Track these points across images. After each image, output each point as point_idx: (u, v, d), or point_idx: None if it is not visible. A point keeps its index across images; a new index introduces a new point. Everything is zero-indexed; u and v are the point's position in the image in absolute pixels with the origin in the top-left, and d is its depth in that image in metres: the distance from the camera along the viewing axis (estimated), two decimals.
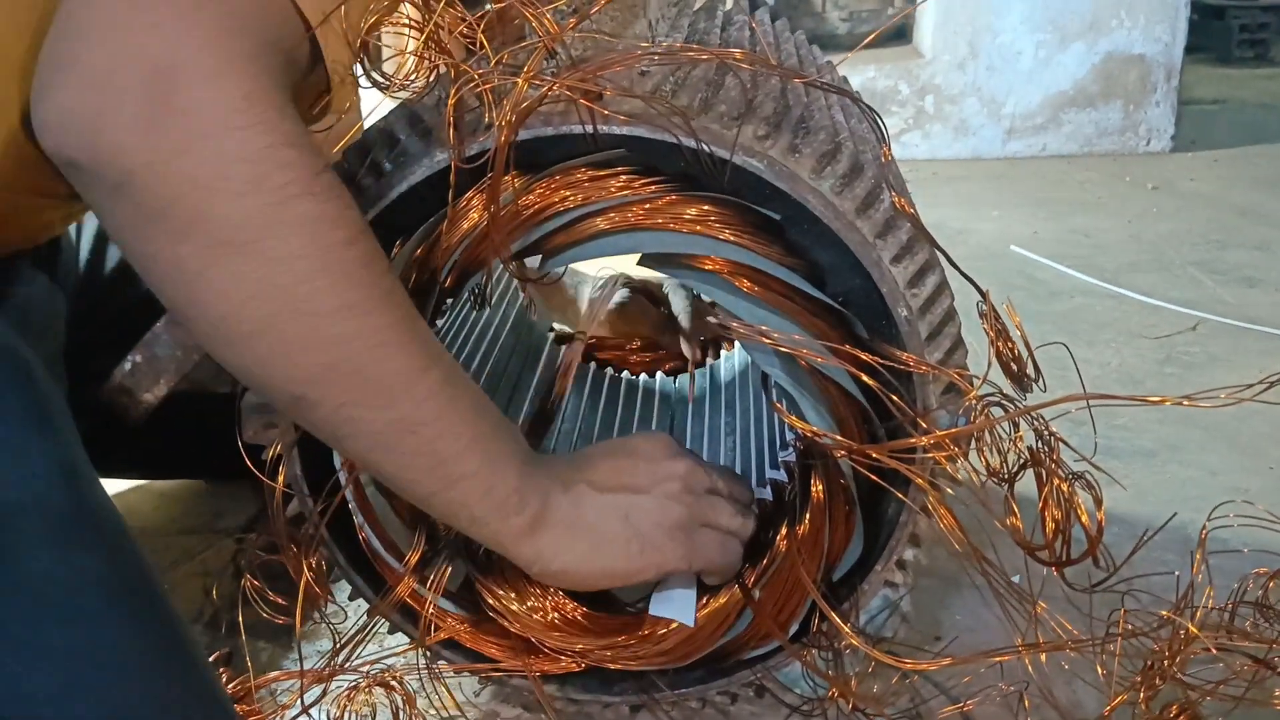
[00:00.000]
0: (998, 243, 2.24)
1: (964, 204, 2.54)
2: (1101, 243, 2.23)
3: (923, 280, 0.80)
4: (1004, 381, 0.80)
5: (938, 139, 2.94)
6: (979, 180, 2.76)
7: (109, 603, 0.62)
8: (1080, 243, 2.23)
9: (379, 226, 0.79)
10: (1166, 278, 2.01)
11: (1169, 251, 2.16)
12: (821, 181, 0.77)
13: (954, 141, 2.94)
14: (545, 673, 0.89)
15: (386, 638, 0.95)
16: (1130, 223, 2.36)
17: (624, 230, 0.78)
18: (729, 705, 0.94)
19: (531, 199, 0.77)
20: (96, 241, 1.04)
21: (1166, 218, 2.40)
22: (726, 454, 1.05)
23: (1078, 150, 2.94)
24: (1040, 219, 2.41)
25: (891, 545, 0.84)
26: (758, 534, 0.90)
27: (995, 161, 2.92)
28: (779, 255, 0.78)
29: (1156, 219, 2.40)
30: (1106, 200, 2.55)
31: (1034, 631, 0.76)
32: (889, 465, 0.76)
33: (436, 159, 0.76)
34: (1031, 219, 2.42)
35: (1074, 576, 0.78)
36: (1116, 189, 2.64)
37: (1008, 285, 2.01)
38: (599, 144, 0.76)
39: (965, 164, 2.92)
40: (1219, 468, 1.33)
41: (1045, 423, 0.74)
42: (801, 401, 0.80)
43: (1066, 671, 0.88)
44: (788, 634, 0.85)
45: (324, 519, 0.84)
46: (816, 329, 0.79)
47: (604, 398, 1.22)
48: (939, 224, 2.35)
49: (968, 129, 2.93)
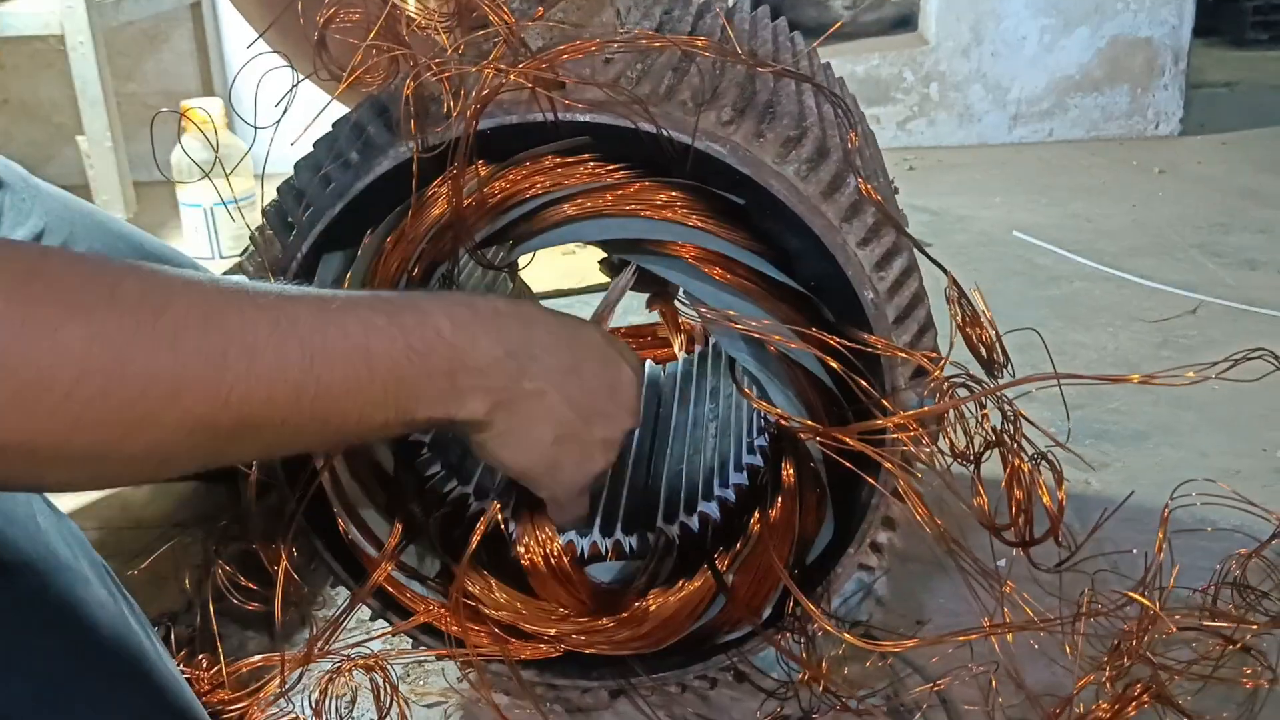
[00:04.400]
0: (999, 228, 2.23)
1: (967, 190, 2.53)
2: (1104, 227, 2.22)
3: (890, 263, 0.80)
4: (976, 366, 0.81)
5: (943, 126, 2.93)
6: (983, 167, 2.74)
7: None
8: (1082, 227, 2.22)
9: (348, 217, 0.80)
10: (1168, 261, 2.00)
11: (1171, 235, 2.15)
12: (786, 166, 0.77)
13: (959, 128, 2.93)
14: (524, 659, 0.89)
15: (370, 625, 0.96)
16: (1134, 207, 2.35)
17: (590, 217, 0.78)
18: (708, 690, 0.94)
19: (497, 187, 0.77)
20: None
21: (1171, 201, 2.39)
22: (709, 441, 1.05)
23: (1084, 135, 2.92)
24: (1043, 204, 2.40)
25: (864, 529, 0.85)
26: (732, 518, 0.90)
27: (1000, 148, 2.90)
28: (745, 240, 0.79)
29: (1161, 203, 2.38)
30: (1111, 185, 2.53)
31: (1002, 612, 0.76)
32: (856, 448, 0.77)
33: (402, 149, 0.77)
34: (1035, 204, 2.41)
35: (1050, 557, 0.78)
36: (1122, 173, 2.63)
37: (1008, 270, 2.00)
38: (563, 132, 0.76)
39: (970, 150, 2.91)
40: (1211, 449, 1.33)
41: (1010, 403, 0.74)
42: (769, 386, 0.80)
43: (1038, 651, 0.88)
44: (761, 618, 0.86)
45: (301, 508, 0.85)
46: (783, 313, 0.79)
47: None
48: (942, 211, 2.35)
49: (973, 115, 2.92)
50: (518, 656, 0.89)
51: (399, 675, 0.99)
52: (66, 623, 0.70)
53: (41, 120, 2.79)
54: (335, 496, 0.85)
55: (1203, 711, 0.81)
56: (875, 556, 0.87)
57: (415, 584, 0.89)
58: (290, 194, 0.83)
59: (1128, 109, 2.91)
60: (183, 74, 2.79)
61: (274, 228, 0.82)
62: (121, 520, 1.28)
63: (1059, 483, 0.70)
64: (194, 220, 2.07)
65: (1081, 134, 2.92)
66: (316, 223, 0.80)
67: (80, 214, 1.11)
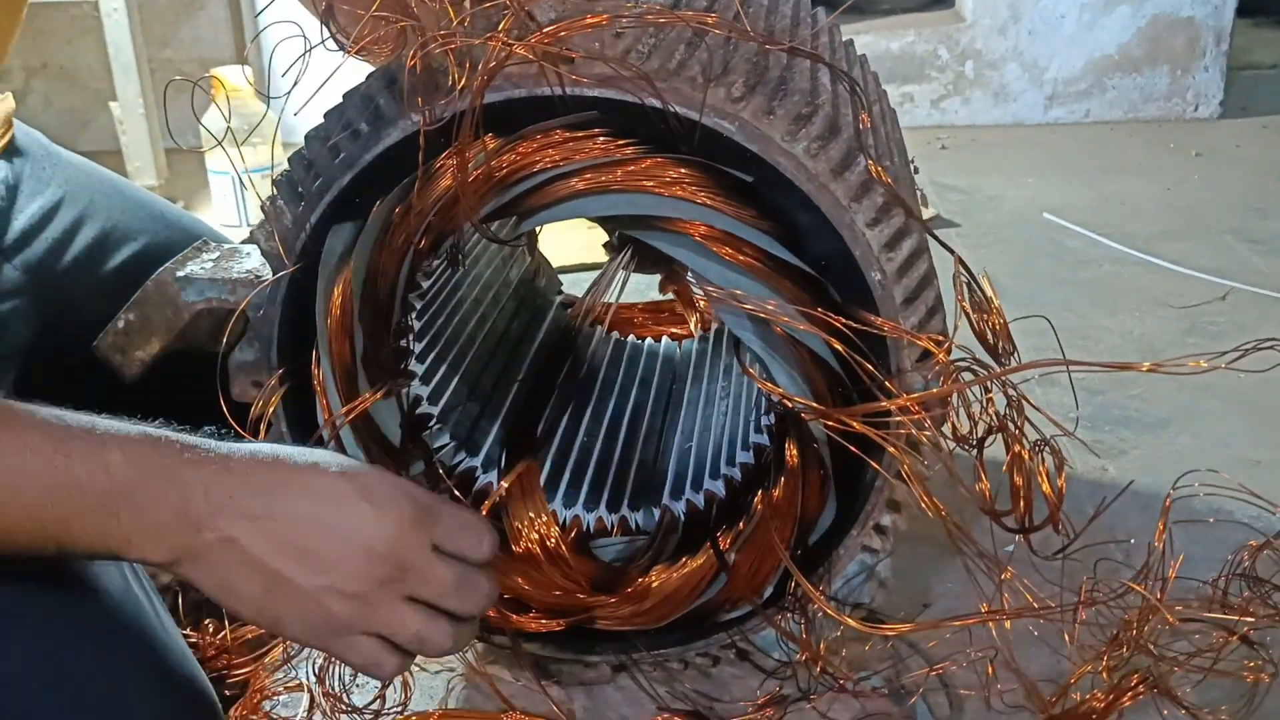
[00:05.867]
0: (1030, 209, 2.21)
1: (1000, 170, 2.50)
2: (1137, 210, 2.19)
3: (899, 244, 0.79)
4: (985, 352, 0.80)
5: (977, 105, 2.89)
6: (1017, 147, 2.71)
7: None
8: (1115, 210, 2.19)
9: (357, 188, 0.80)
10: (1200, 246, 1.97)
11: (1206, 219, 2.11)
12: (795, 144, 0.76)
13: (994, 107, 2.89)
14: (527, 632, 0.90)
15: None
16: (1169, 190, 2.31)
17: (598, 192, 0.78)
18: (710, 668, 0.95)
19: (505, 161, 0.77)
20: (68, 220, 1.05)
21: (1207, 185, 2.35)
22: (719, 418, 1.05)
23: (1122, 116, 2.87)
24: (1076, 186, 2.37)
25: (867, 511, 0.84)
26: (737, 497, 0.90)
27: (1035, 128, 2.86)
28: (753, 218, 0.78)
29: (1197, 186, 2.34)
30: (1146, 167, 2.49)
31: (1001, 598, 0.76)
32: (859, 430, 0.76)
33: (411, 121, 0.77)
34: (1068, 186, 2.37)
35: (1058, 544, 0.77)
36: (1158, 156, 2.59)
37: (1036, 252, 1.98)
38: (571, 107, 0.76)
39: (1005, 130, 2.87)
40: (1233, 439, 1.31)
41: (1014, 387, 0.74)
42: (773, 366, 0.80)
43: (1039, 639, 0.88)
44: (761, 598, 0.86)
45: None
46: (789, 293, 0.78)
47: (608, 358, 1.23)
48: (972, 190, 2.32)
49: (1008, 95, 2.87)
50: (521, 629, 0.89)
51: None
52: (69, 586, 0.71)
53: (79, 86, 2.82)
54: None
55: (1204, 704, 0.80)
56: (879, 539, 0.87)
57: None
58: (301, 164, 0.83)
59: (1167, 90, 2.85)
60: (218, 41, 2.80)
61: (284, 198, 0.83)
62: None
63: (1059, 469, 0.70)
64: (222, 188, 2.09)
65: (1119, 115, 2.88)
66: (325, 193, 0.80)
67: (100, 183, 1.11)
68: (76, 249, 1.03)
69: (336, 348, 0.83)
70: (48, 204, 1.03)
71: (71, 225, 1.04)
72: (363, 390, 0.84)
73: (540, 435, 1.04)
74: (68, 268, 1.03)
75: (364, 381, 0.85)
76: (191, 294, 0.88)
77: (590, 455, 1.05)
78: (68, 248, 1.03)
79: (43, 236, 1.02)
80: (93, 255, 1.05)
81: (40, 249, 1.01)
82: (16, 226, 1.01)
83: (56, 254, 1.02)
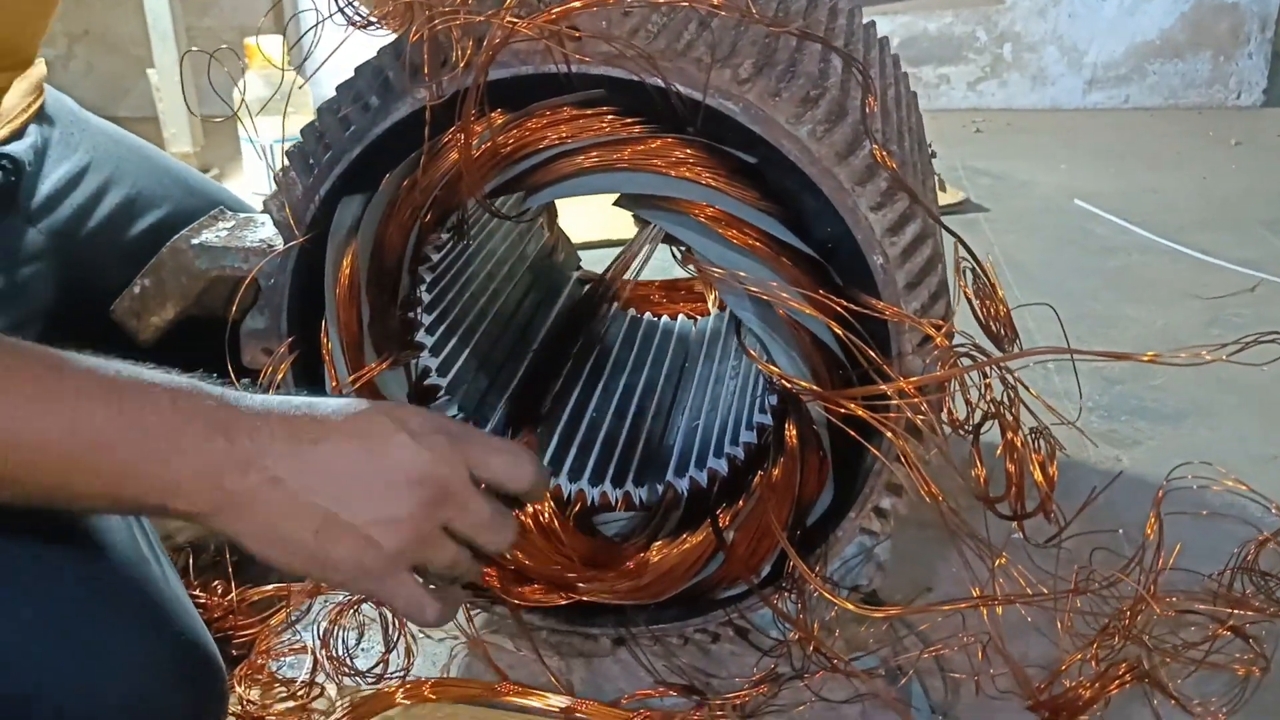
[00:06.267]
0: (1062, 195, 2.19)
1: (1033, 155, 2.48)
2: (1170, 199, 2.16)
3: (903, 229, 0.79)
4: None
5: (1015, 88, 2.87)
6: (1053, 132, 2.68)
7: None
8: (1148, 198, 2.17)
9: (367, 161, 0.81)
10: (1232, 236, 1.94)
11: (1240, 210, 2.09)
12: (800, 126, 0.76)
13: (1031, 91, 2.86)
14: (527, 604, 0.91)
15: None
16: (1205, 179, 2.28)
17: (602, 170, 0.79)
18: (710, 644, 0.96)
19: (511, 137, 0.78)
20: (93, 186, 1.06)
21: (1244, 174, 2.32)
22: (727, 397, 1.05)
23: (1161, 103, 2.84)
24: (1111, 173, 2.35)
25: (866, 493, 0.85)
26: (738, 477, 0.91)
27: (1073, 113, 2.84)
28: (756, 200, 0.78)
29: (1234, 176, 2.31)
30: (1184, 155, 2.47)
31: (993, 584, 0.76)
32: (856, 413, 0.77)
33: (420, 95, 0.78)
34: (1102, 172, 2.35)
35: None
36: (1196, 144, 2.55)
37: (1064, 239, 1.96)
38: (577, 85, 0.76)
39: (1042, 115, 2.85)
40: (1249, 433, 1.30)
41: (1012, 374, 0.74)
42: (773, 347, 0.80)
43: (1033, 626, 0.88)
44: (758, 577, 0.86)
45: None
46: (791, 275, 0.79)
47: (622, 335, 1.24)
48: (1004, 175, 2.31)
49: (1046, 78, 2.85)
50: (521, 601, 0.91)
51: None
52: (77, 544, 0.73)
53: (120, 53, 2.85)
54: None
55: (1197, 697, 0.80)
56: (879, 522, 0.87)
57: None
58: (313, 136, 0.84)
59: (1209, 77, 2.82)
60: (256, 9, 2.82)
61: (296, 169, 0.84)
62: None
63: (1052, 458, 0.70)
64: (254, 156, 2.11)
65: (1159, 101, 2.84)
66: (335, 165, 0.81)
67: (128, 149, 1.13)
68: (100, 214, 1.05)
69: (344, 318, 0.84)
70: (74, 169, 1.05)
71: (97, 191, 1.06)
72: (370, 361, 0.85)
73: (547, 409, 1.05)
74: (91, 233, 1.05)
75: (372, 352, 0.86)
76: (205, 261, 0.90)
77: (598, 431, 1.06)
78: (92, 213, 1.05)
79: (68, 201, 1.04)
80: (116, 221, 1.06)
81: (65, 213, 1.03)
82: (43, 191, 1.02)
83: (81, 219, 1.04)
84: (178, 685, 0.75)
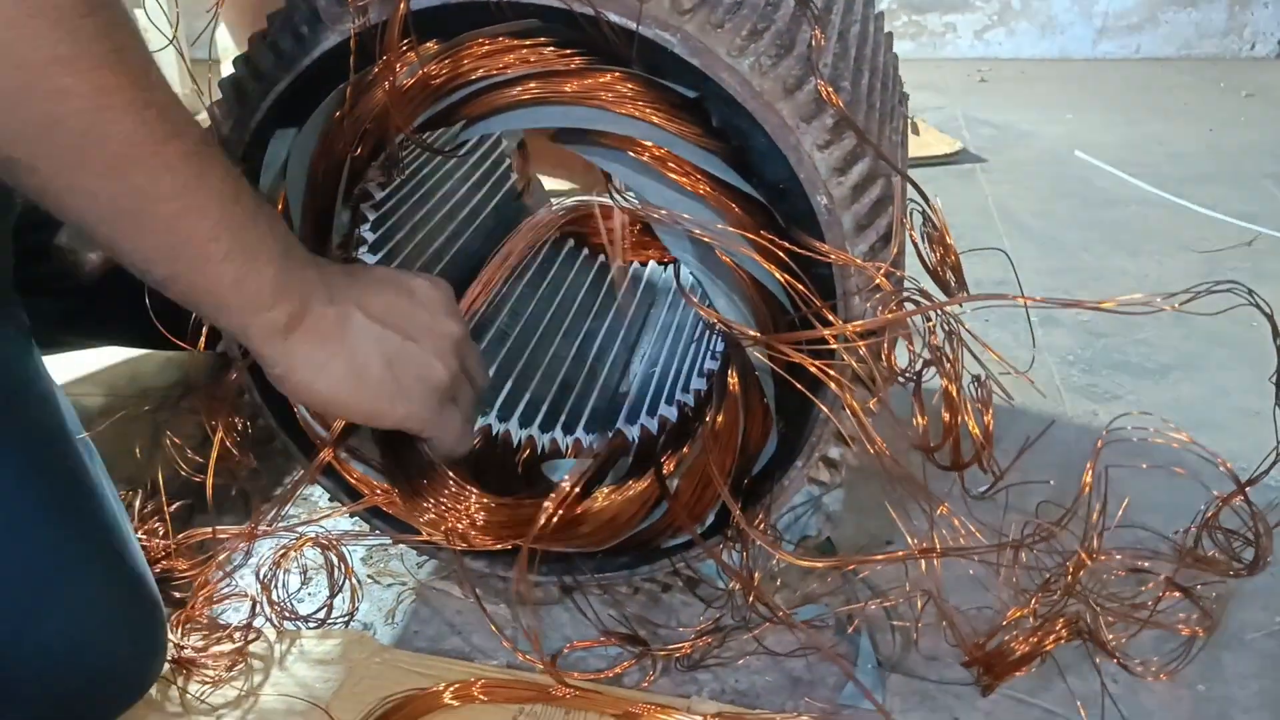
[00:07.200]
0: (1063, 146, 2.14)
1: (1038, 106, 2.43)
2: (1175, 151, 2.11)
3: (849, 168, 0.76)
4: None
5: (1023, 37, 2.80)
6: (1061, 81, 2.62)
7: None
8: (1152, 150, 2.12)
9: (298, 93, 0.78)
10: (1234, 190, 1.90)
11: (1245, 163, 2.04)
12: (742, 59, 0.73)
13: (1040, 40, 2.80)
14: (471, 549, 0.90)
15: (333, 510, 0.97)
16: (1211, 131, 2.23)
17: (535, 103, 0.76)
18: (660, 594, 0.94)
19: (442, 67, 0.75)
20: None
21: (1252, 126, 2.26)
22: (685, 345, 1.03)
23: (1174, 53, 2.77)
24: (1117, 124, 2.29)
25: (813, 442, 0.82)
26: (686, 424, 0.89)
27: (1082, 62, 2.77)
28: (697, 137, 0.75)
29: (1241, 128, 2.25)
30: (1193, 107, 2.41)
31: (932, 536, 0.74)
32: (795, 358, 0.74)
33: (349, 25, 0.75)
34: (1107, 123, 2.30)
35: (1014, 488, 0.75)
36: (1206, 95, 2.49)
37: (1062, 191, 1.92)
38: (510, 14, 0.73)
39: (1051, 64, 2.78)
40: (1234, 388, 1.27)
41: (957, 319, 0.71)
42: (712, 290, 0.78)
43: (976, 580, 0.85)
44: (702, 526, 0.84)
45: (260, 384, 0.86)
46: (733, 216, 0.76)
47: (588, 282, 1.22)
48: (1006, 125, 2.26)
49: (1056, 27, 2.78)
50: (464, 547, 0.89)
51: (362, 557, 1.00)
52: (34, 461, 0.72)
53: None
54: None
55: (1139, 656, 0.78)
56: (829, 471, 0.85)
57: (365, 467, 0.89)
58: (246, 67, 0.81)
59: (1223, 27, 2.75)
60: None
61: (229, 101, 0.81)
62: (129, 389, 1.31)
63: (986, 407, 0.67)
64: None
65: (1171, 52, 2.78)
66: (266, 96, 0.78)
67: None
68: None
69: None
70: None
71: None
72: None
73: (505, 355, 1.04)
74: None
75: None
76: None
77: (555, 377, 1.04)
78: None
79: None
80: None
81: None
82: None
83: None
84: (123, 625, 0.74)
